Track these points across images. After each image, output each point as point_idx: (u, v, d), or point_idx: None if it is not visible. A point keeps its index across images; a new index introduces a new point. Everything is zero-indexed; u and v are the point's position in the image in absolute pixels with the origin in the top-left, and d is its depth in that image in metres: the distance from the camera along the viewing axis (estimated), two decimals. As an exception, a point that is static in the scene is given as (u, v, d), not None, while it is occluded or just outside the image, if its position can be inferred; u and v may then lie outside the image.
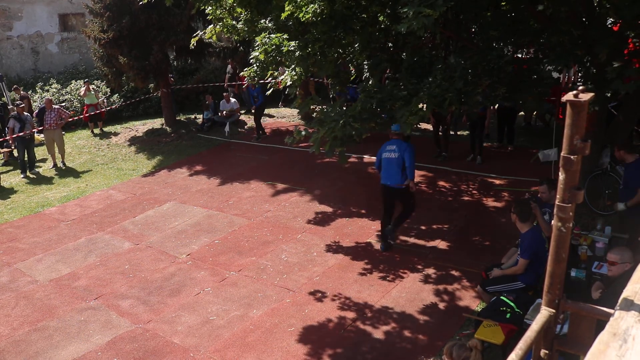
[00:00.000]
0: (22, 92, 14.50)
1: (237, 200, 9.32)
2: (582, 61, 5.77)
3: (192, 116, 15.24)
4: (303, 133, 5.79)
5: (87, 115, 14.19)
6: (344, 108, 5.86)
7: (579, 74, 6.45)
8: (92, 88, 14.44)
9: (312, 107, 6.24)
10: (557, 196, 1.90)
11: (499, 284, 5.31)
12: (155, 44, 12.72)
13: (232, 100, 14.14)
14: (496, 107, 10.22)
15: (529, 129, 11.81)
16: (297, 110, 14.32)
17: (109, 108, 14.51)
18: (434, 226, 7.81)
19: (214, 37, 7.74)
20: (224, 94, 14.34)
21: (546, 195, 5.82)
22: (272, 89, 7.47)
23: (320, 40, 5.98)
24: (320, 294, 6.26)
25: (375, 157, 7.01)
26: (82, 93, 14.36)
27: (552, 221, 2.05)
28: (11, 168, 12.24)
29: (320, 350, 5.28)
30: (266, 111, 14.53)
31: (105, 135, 14.26)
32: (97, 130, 14.42)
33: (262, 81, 7.30)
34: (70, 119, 13.46)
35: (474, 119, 9.69)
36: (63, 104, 14.55)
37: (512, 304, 4.85)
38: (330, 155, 5.64)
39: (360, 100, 5.86)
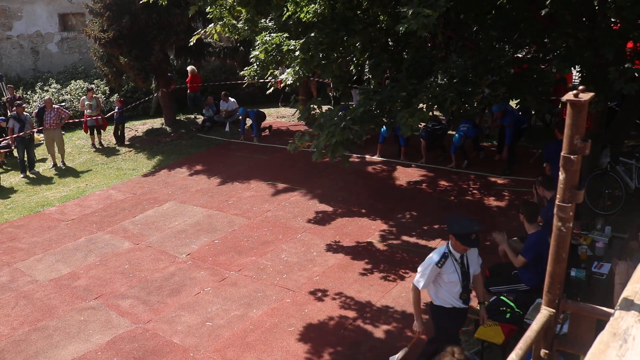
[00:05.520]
0: (15, 93, 14.37)
1: (237, 199, 9.32)
2: (588, 62, 5.76)
3: (192, 116, 15.24)
4: (306, 137, 5.77)
5: (86, 123, 13.25)
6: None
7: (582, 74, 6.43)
8: (94, 96, 13.35)
9: (314, 110, 6.23)
10: (557, 196, 1.90)
11: (502, 284, 5.30)
12: (156, 43, 12.71)
13: (231, 99, 14.14)
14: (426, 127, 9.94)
15: (529, 129, 11.79)
16: (297, 110, 14.32)
17: (107, 115, 13.54)
18: (435, 226, 7.81)
19: (216, 36, 7.73)
20: (222, 93, 14.33)
21: (541, 191, 5.89)
22: (272, 88, 7.46)
23: (323, 43, 5.97)
24: (320, 294, 6.26)
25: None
26: (82, 105, 13.31)
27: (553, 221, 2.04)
28: (9, 168, 12.22)
29: (320, 349, 5.28)
30: (265, 111, 14.51)
31: (107, 151, 13.07)
32: (97, 144, 13.33)
33: (261, 80, 7.28)
34: (70, 120, 13.44)
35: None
36: (63, 104, 14.53)
37: (512, 304, 4.85)
38: (333, 159, 5.62)
39: (359, 102, 5.85)
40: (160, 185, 10.42)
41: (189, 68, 15.31)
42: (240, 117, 13.04)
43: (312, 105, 6.25)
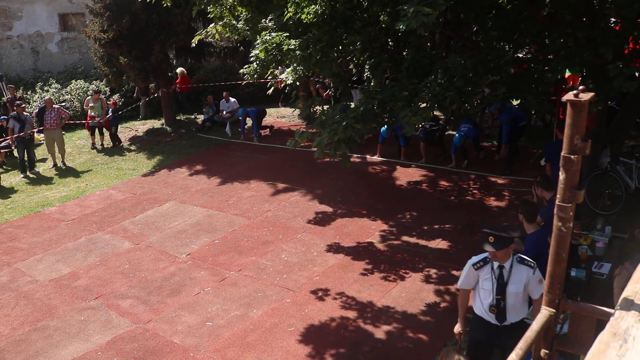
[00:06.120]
0: (15, 93, 14.37)
1: (237, 199, 9.32)
2: (588, 62, 5.76)
3: (192, 116, 15.24)
4: (307, 135, 5.78)
5: (88, 123, 13.21)
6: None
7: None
8: (101, 98, 13.32)
9: (314, 108, 6.26)
10: (558, 196, 1.90)
11: None
12: (156, 43, 12.71)
13: (232, 100, 14.13)
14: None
15: (529, 128, 11.78)
16: (297, 110, 14.32)
17: (109, 116, 13.28)
18: (435, 226, 7.81)
19: (217, 36, 7.73)
20: (224, 93, 14.33)
21: (540, 191, 5.89)
22: (272, 88, 7.47)
23: (322, 41, 5.98)
24: (320, 294, 6.26)
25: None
26: (86, 105, 13.19)
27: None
28: (10, 168, 12.22)
29: (320, 350, 5.28)
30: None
31: (107, 151, 13.06)
32: (98, 145, 13.28)
33: (261, 80, 7.28)
34: (71, 120, 13.42)
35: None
36: (63, 104, 14.53)
37: (512, 303, 4.84)
38: (334, 156, 5.63)
39: (361, 101, 5.86)
40: (160, 185, 10.42)
41: (178, 70, 15.37)
42: (241, 118, 13.05)
43: (313, 103, 6.26)
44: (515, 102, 8.16)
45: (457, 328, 4.34)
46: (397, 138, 10.46)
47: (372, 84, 7.02)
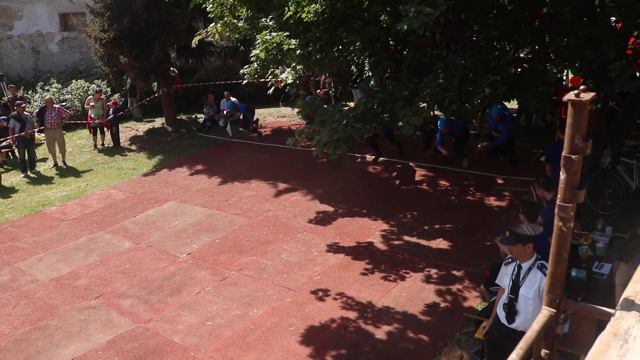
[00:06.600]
0: (16, 93, 14.39)
1: (238, 199, 9.32)
2: (588, 61, 5.76)
3: (193, 116, 15.24)
4: (306, 133, 5.78)
5: (89, 124, 13.17)
6: (345, 108, 5.88)
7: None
8: (102, 98, 13.33)
9: (314, 105, 6.25)
10: (558, 196, 1.90)
11: None
12: (156, 43, 12.72)
13: (233, 99, 14.14)
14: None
15: (530, 128, 11.78)
16: (297, 110, 14.32)
17: (110, 117, 13.19)
18: (436, 225, 7.80)
19: (217, 36, 7.73)
20: (225, 92, 14.34)
21: (540, 192, 5.89)
22: (272, 88, 7.47)
23: (322, 39, 5.98)
24: (320, 294, 6.26)
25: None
26: (87, 104, 13.19)
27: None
28: (10, 168, 12.22)
29: (321, 349, 5.28)
30: (266, 110, 14.52)
31: (107, 151, 13.04)
32: (99, 145, 13.26)
33: (261, 79, 7.28)
34: (71, 120, 13.42)
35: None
36: (63, 104, 14.53)
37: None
38: (333, 156, 5.63)
39: (361, 100, 5.86)
40: (160, 184, 10.43)
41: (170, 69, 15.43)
42: (227, 112, 13.09)
43: (312, 102, 6.27)
44: (511, 103, 8.15)
45: (485, 323, 4.35)
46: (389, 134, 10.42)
47: (371, 82, 7.02)
